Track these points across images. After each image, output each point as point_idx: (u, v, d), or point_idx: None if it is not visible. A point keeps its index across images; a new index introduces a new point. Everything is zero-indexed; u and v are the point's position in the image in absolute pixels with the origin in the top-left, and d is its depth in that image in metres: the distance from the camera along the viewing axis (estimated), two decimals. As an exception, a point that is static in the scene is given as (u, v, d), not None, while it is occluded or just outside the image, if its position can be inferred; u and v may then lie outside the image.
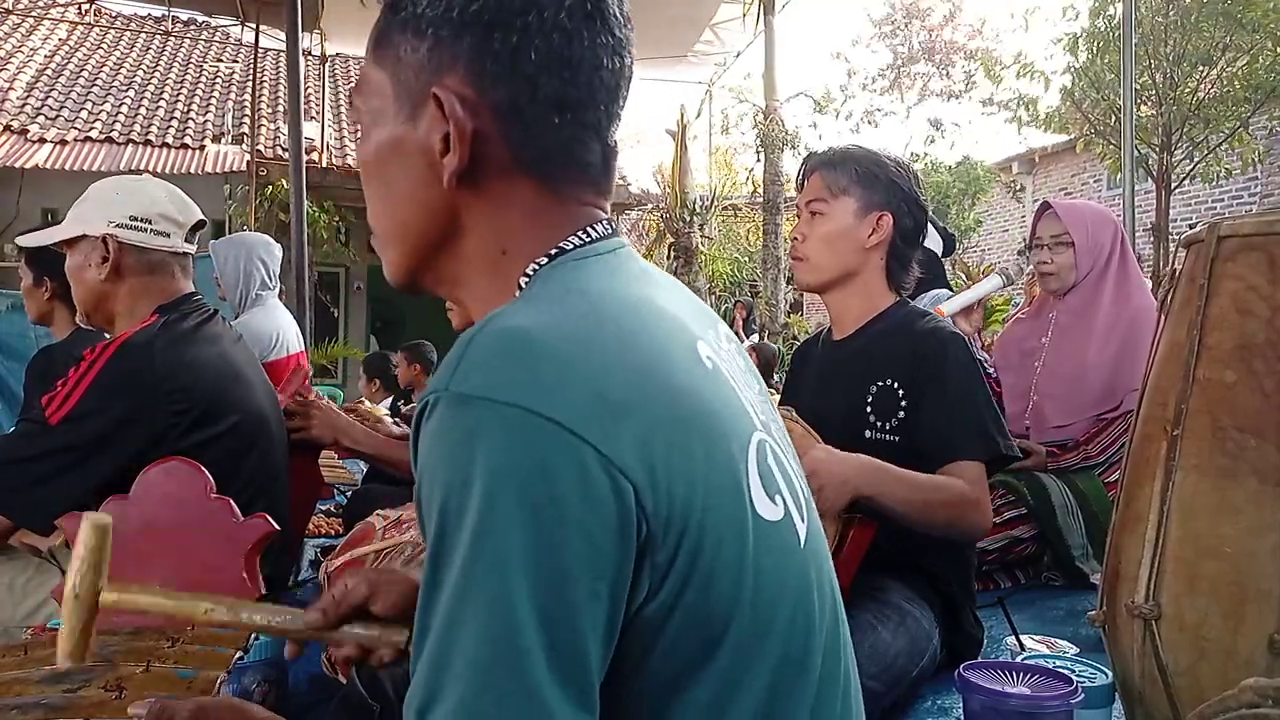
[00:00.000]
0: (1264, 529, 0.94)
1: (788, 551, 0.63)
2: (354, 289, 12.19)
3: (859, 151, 1.63)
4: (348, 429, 1.85)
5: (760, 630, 0.59)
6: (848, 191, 1.58)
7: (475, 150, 0.64)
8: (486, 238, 0.67)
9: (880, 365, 1.55)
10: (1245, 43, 7.42)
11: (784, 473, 0.67)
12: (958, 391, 1.47)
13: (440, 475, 0.53)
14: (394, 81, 0.67)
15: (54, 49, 11.66)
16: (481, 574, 0.51)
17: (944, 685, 1.44)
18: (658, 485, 0.54)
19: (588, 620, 0.52)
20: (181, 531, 1.24)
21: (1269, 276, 0.99)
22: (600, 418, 0.53)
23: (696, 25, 9.12)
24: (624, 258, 0.69)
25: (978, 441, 1.46)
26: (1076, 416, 2.33)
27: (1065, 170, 12.95)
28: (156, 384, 1.42)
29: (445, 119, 0.64)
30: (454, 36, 0.64)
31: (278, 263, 3.21)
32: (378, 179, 0.70)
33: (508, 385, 0.52)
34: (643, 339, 0.60)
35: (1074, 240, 2.36)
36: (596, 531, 0.52)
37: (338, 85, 12.11)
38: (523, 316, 0.57)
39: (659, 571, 0.55)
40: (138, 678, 0.97)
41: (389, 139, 0.68)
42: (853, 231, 1.58)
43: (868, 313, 1.62)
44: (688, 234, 10.66)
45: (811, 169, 1.64)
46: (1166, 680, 0.99)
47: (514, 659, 0.50)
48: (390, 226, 0.71)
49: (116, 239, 1.53)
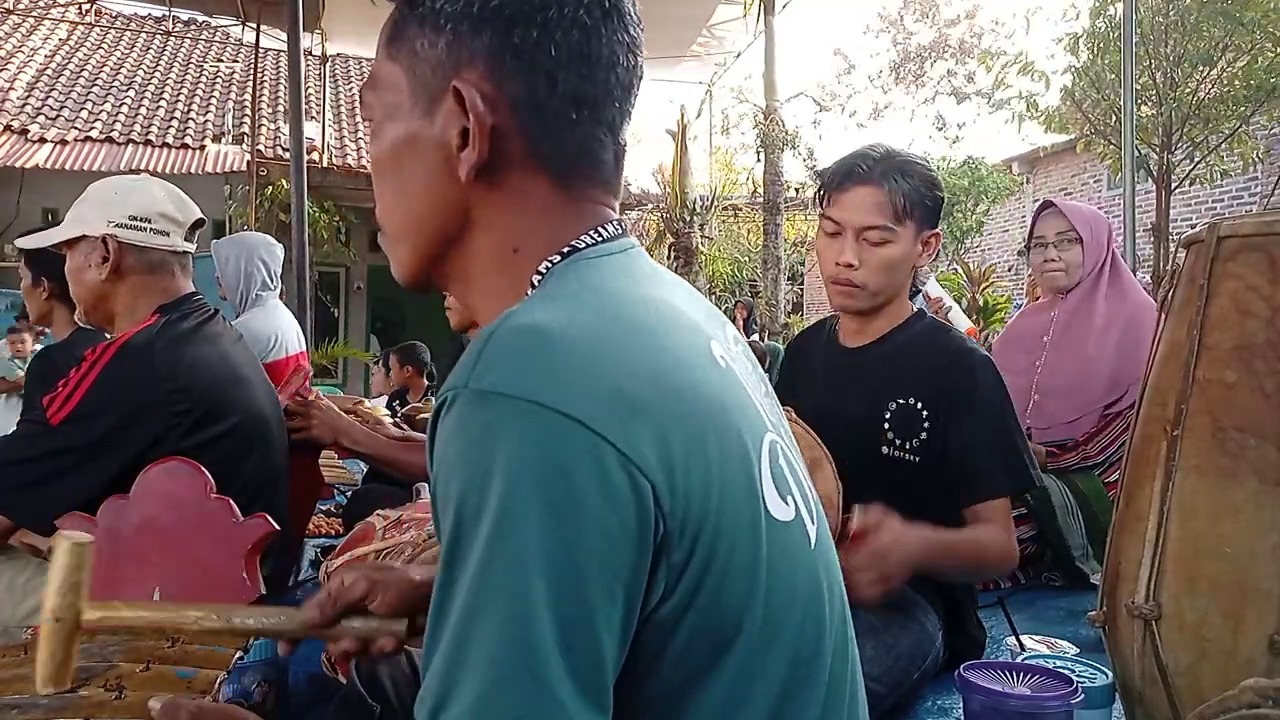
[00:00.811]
0: (1264, 529, 0.94)
1: (799, 552, 0.63)
2: (354, 289, 12.20)
3: (914, 167, 1.49)
4: (348, 429, 1.86)
5: (772, 631, 0.59)
6: (912, 215, 1.48)
7: (493, 145, 0.64)
8: (499, 234, 0.67)
9: (902, 381, 1.49)
10: (1245, 43, 7.41)
11: (794, 474, 0.67)
12: (990, 423, 1.43)
13: (458, 472, 0.52)
14: (410, 76, 0.66)
15: (54, 49, 11.66)
16: (499, 572, 0.50)
17: (944, 686, 1.44)
18: (675, 484, 0.54)
19: (603, 620, 0.51)
20: (181, 531, 1.24)
21: (1269, 277, 0.99)
22: (619, 415, 0.53)
23: (696, 25, 9.12)
24: (635, 257, 0.69)
25: (1010, 477, 1.43)
26: (1084, 410, 2.35)
27: (1065, 170, 12.95)
28: (157, 384, 1.42)
29: (464, 113, 0.63)
30: (473, 31, 0.64)
31: (279, 263, 3.21)
32: (391, 175, 0.69)
33: (526, 381, 0.52)
34: (658, 338, 0.60)
35: (1080, 236, 2.38)
36: (614, 530, 0.51)
37: (338, 85, 12.12)
38: (540, 314, 0.57)
39: (674, 571, 0.54)
40: (138, 677, 0.97)
41: (405, 134, 0.67)
42: (910, 254, 1.50)
43: (889, 324, 1.56)
44: (688, 234, 10.65)
45: (862, 181, 1.47)
46: (1167, 680, 0.99)
47: (531, 657, 0.49)
48: (402, 223, 0.70)
49: (116, 239, 1.53)
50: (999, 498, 1.42)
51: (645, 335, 0.59)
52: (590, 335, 0.56)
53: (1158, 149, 7.71)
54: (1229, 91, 7.58)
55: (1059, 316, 2.46)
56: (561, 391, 0.52)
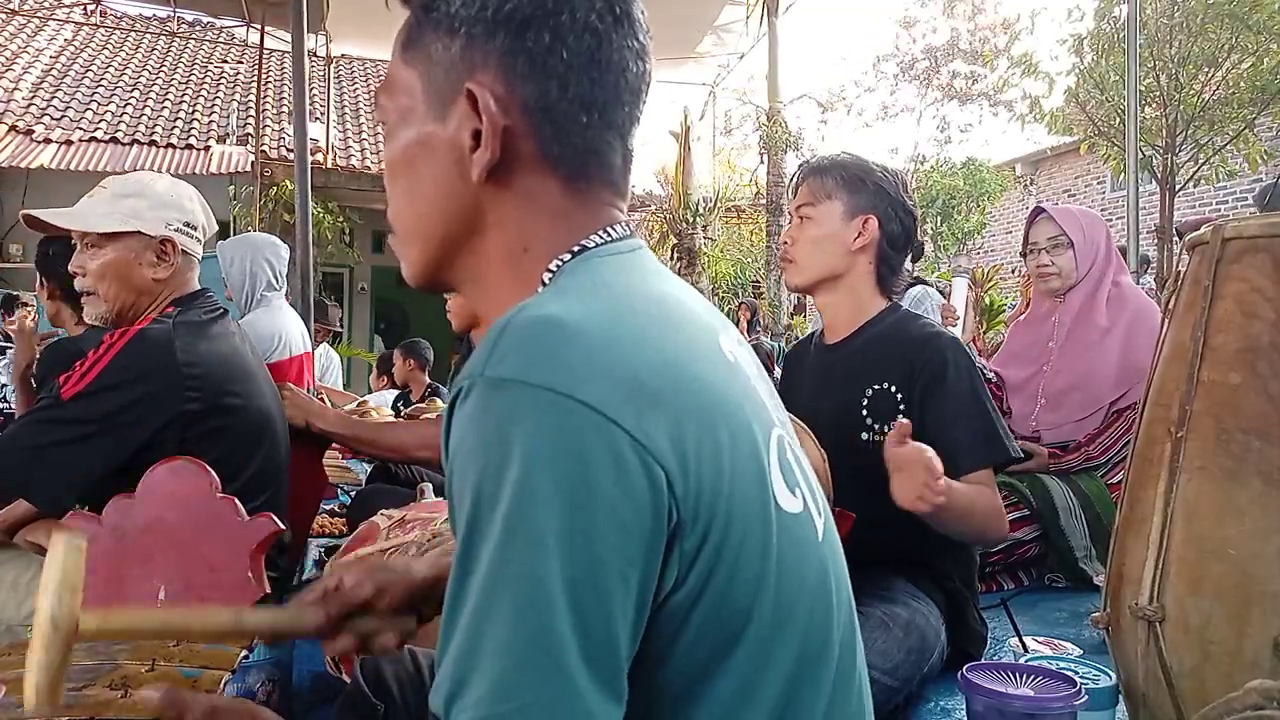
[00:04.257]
0: (1268, 531, 0.94)
1: (807, 544, 0.64)
2: (358, 290, 12.21)
3: (846, 158, 1.67)
4: (320, 412, 1.86)
5: (781, 622, 0.59)
6: (833, 196, 1.62)
7: (505, 146, 0.65)
8: (510, 234, 0.68)
9: (876, 369, 1.56)
10: (1251, 44, 7.40)
11: (801, 469, 0.68)
12: (963, 399, 1.48)
13: (475, 460, 0.53)
14: (424, 80, 0.68)
15: (59, 49, 11.69)
16: (515, 557, 0.51)
17: (947, 686, 1.44)
18: (688, 471, 0.54)
19: (618, 606, 0.52)
20: (187, 531, 1.24)
21: (1274, 278, 0.99)
22: (633, 403, 0.53)
23: (700, 27, 9.11)
24: (643, 257, 0.70)
25: (988, 448, 1.47)
26: (1091, 408, 2.36)
27: (1069, 171, 12.94)
28: (175, 369, 1.43)
29: (478, 115, 0.65)
30: (486, 35, 0.65)
31: (284, 263, 3.22)
32: (404, 176, 0.70)
33: (542, 369, 0.52)
34: (669, 330, 0.61)
35: (1072, 240, 2.41)
36: (629, 517, 0.52)
37: (343, 86, 12.13)
38: (554, 305, 0.57)
39: (687, 559, 0.55)
40: (143, 677, 0.98)
41: (418, 137, 0.68)
42: (839, 234, 1.61)
43: (859, 317, 1.64)
44: (690, 235, 10.65)
45: (801, 177, 1.69)
46: (1171, 682, 0.99)
47: (547, 642, 0.50)
48: (414, 224, 0.71)
49: (174, 242, 1.58)
50: (979, 469, 1.45)
51: (657, 328, 0.60)
52: (604, 325, 0.57)
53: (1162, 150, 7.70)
54: (1234, 93, 7.57)
55: (1061, 319, 2.47)
56: (577, 379, 0.52)
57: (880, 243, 1.62)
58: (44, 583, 0.67)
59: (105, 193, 1.60)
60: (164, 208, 1.59)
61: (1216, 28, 7.39)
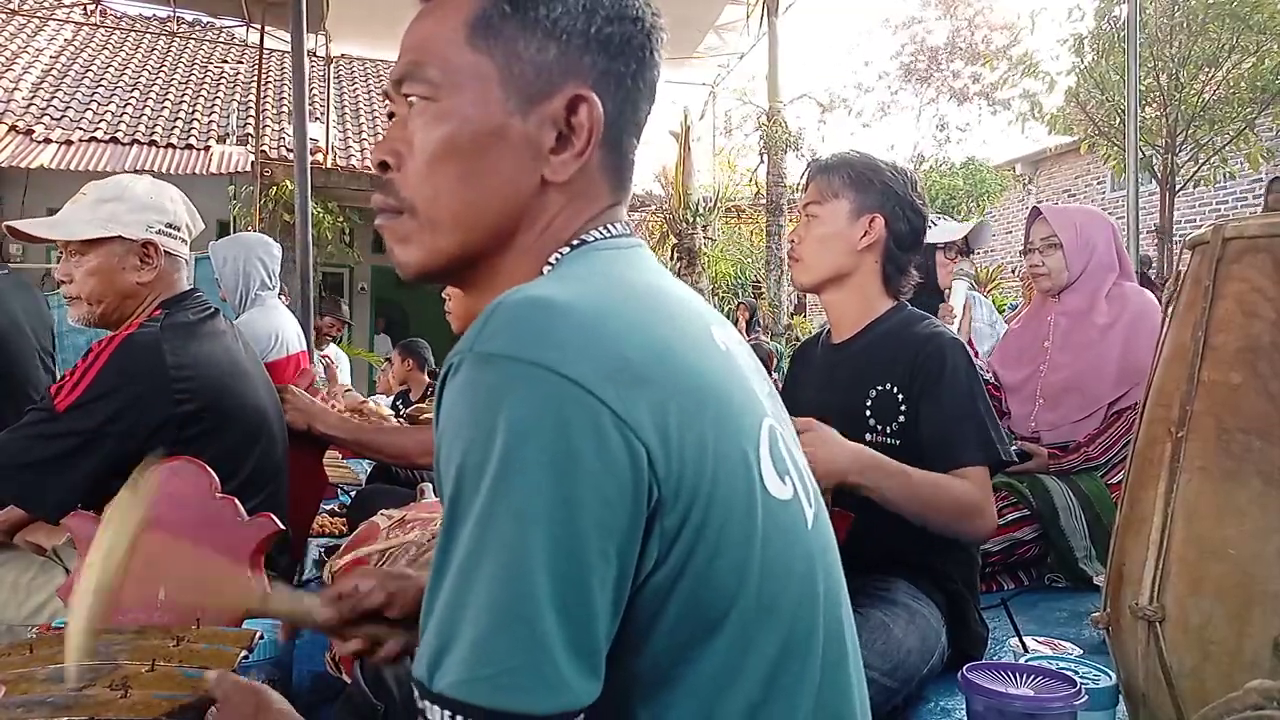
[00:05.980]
0: (1269, 531, 0.94)
1: (796, 532, 0.64)
2: (358, 290, 12.21)
3: (855, 157, 1.66)
4: (322, 415, 1.85)
5: (766, 608, 0.60)
6: (840, 194, 1.61)
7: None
8: (537, 231, 0.70)
9: (879, 369, 1.56)
10: (1251, 44, 7.40)
11: (793, 459, 0.68)
12: (959, 397, 1.48)
13: (463, 431, 0.54)
14: (503, 71, 0.68)
15: (59, 49, 11.70)
16: (499, 525, 0.52)
17: (947, 687, 1.44)
18: (670, 450, 0.55)
19: (598, 579, 0.53)
20: (186, 531, 1.24)
21: (1274, 278, 0.99)
22: (617, 382, 0.54)
23: (700, 27, 9.12)
24: (641, 254, 0.72)
25: (980, 447, 1.47)
26: (1092, 408, 2.36)
27: (1069, 171, 12.94)
28: (164, 372, 1.44)
29: (566, 118, 0.69)
30: (585, 48, 0.69)
31: (277, 262, 3.22)
32: (462, 162, 0.68)
33: (529, 346, 0.54)
34: (662, 317, 0.62)
35: (1061, 242, 2.41)
36: (610, 491, 0.53)
37: (343, 86, 12.14)
38: (547, 288, 0.59)
39: (668, 537, 0.56)
40: (143, 677, 0.98)
41: (491, 126, 0.68)
42: (845, 233, 1.61)
43: (865, 316, 1.64)
44: (690, 235, 10.65)
45: (810, 175, 1.68)
46: (1171, 682, 0.99)
47: (527, 608, 0.51)
48: (461, 210, 0.69)
49: (156, 245, 1.58)
50: (971, 465, 1.45)
51: (649, 313, 0.62)
52: (595, 307, 0.58)
53: (1162, 150, 7.70)
54: (1234, 93, 7.57)
55: (1056, 320, 2.47)
56: (564, 356, 0.54)
57: (887, 242, 1.61)
58: (98, 542, 0.79)
59: (86, 199, 1.60)
60: (144, 210, 1.58)
61: (1217, 27, 7.39)
